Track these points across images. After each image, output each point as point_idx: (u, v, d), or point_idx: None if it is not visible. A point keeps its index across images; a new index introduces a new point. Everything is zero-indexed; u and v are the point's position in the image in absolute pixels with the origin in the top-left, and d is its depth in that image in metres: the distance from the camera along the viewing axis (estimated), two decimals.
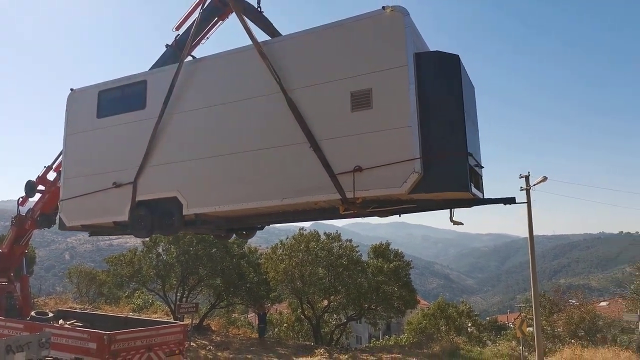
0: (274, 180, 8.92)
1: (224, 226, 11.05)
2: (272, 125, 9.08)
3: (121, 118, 10.99)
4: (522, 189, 20.16)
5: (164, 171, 10.21)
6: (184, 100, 10.20)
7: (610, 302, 33.40)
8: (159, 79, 10.60)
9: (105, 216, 11.03)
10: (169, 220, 10.17)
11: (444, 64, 8.16)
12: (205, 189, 9.72)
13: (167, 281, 24.42)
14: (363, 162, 8.06)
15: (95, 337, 11.30)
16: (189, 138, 10.06)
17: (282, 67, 9.01)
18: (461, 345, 20.82)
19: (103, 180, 10.94)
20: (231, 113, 9.57)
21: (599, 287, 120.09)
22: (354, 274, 22.93)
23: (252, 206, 9.24)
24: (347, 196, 8.14)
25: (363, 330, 44.17)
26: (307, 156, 8.53)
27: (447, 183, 7.79)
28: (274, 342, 23.02)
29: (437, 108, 7.91)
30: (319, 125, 8.56)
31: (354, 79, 8.35)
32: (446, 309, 31.14)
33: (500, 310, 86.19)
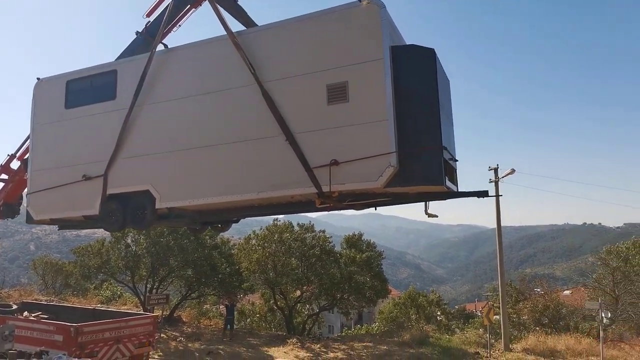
0: (249, 174, 8.84)
1: (198, 220, 10.92)
2: (247, 118, 8.97)
3: (91, 109, 10.68)
4: (490, 181, 20.61)
5: (135, 164, 9.99)
6: (156, 91, 9.97)
7: (573, 291, 34.64)
8: (130, 68, 10.32)
9: (74, 210, 10.76)
10: (141, 214, 9.98)
11: (420, 58, 8.19)
12: (178, 182, 9.56)
13: (137, 272, 24.02)
14: (339, 155, 8.06)
15: (62, 329, 11.07)
16: (161, 130, 9.85)
17: (257, 59, 8.89)
18: (431, 333, 21.27)
19: (72, 172, 10.64)
20: (204, 105, 9.41)
21: (562, 276, 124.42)
22: (327, 264, 23.08)
23: (226, 200, 9.16)
24: (324, 190, 8.15)
25: (335, 320, 44.60)
26: (282, 149, 8.49)
27: (422, 177, 7.88)
28: (246, 333, 23.00)
29: (412, 102, 7.94)
30: (294, 118, 8.52)
31: (330, 72, 8.32)
32: (417, 298, 31.76)
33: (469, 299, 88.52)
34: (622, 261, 25.61)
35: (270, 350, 18.57)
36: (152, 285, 24.63)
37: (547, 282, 29.58)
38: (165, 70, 9.99)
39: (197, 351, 18.45)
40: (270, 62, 8.88)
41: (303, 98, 8.54)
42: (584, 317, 23.88)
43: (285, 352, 18.01)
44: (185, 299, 26.44)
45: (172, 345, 19.24)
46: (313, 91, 8.43)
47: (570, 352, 17.23)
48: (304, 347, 18.98)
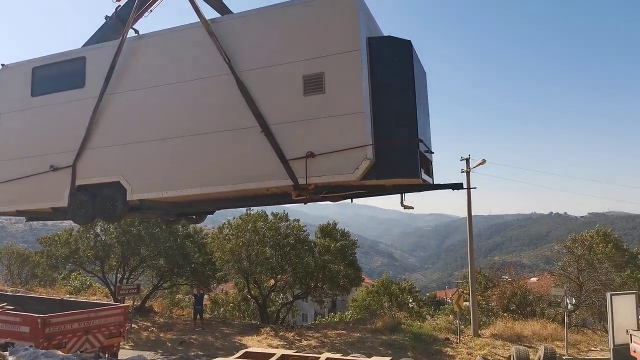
0: (224, 166, 8.68)
1: (172, 211, 10.72)
2: (221, 108, 8.79)
3: (58, 97, 10.26)
4: (462, 171, 20.97)
5: (105, 154, 9.68)
6: (126, 79, 9.65)
7: (539, 278, 35.70)
8: (99, 55, 9.94)
9: (42, 201, 10.36)
10: (112, 206, 9.68)
11: (396, 50, 8.13)
12: (150, 174, 9.31)
13: (107, 262, 23.58)
14: (315, 147, 7.98)
15: (28, 320, 10.80)
16: (132, 120, 9.55)
17: (231, 47, 8.69)
18: (402, 320, 21.63)
19: (39, 163, 10.23)
20: (177, 94, 9.16)
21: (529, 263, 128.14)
22: (301, 253, 23.13)
23: (200, 192, 8.97)
24: (300, 182, 8.07)
25: (309, 308, 44.87)
26: (258, 141, 8.34)
27: (398, 170, 7.87)
28: (219, 322, 22.91)
29: (388, 94, 7.91)
30: (270, 109, 8.37)
31: (306, 62, 8.19)
32: (389, 286, 32.18)
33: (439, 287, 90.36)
34: (586, 249, 26.51)
35: (244, 339, 18.57)
36: (123, 275, 24.22)
37: (515, 270, 30.39)
38: (136, 58, 9.66)
39: (169, 341, 18.29)
40: (245, 51, 8.69)
41: (279, 89, 8.39)
42: (549, 303, 24.69)
43: (259, 341, 18.04)
44: (157, 289, 26.12)
45: (143, 336, 19.01)
46: (289, 82, 8.29)
47: (537, 337, 17.84)
48: (278, 336, 19.05)
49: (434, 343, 17.77)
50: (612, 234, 30.40)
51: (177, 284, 26.54)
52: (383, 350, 16.33)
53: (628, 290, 18.58)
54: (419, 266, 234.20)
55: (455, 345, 17.41)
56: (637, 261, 29.89)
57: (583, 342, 17.98)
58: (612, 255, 26.03)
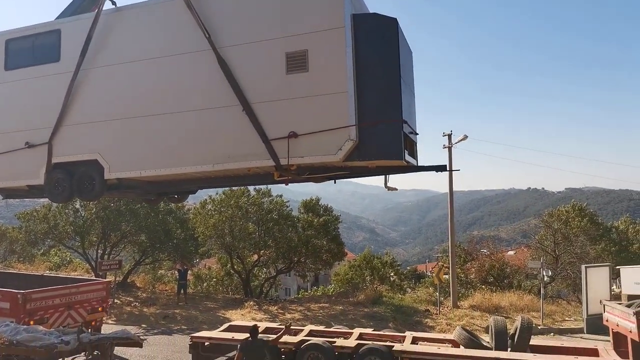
0: (204, 145, 8.52)
1: (152, 191, 10.56)
2: (202, 86, 8.58)
3: (33, 71, 9.90)
4: (444, 147, 21.12)
5: (82, 131, 9.43)
6: (103, 54, 9.33)
7: (517, 251, 36.61)
8: (75, 28, 9.56)
9: (17, 179, 10.13)
10: (89, 185, 9.49)
11: (382, 28, 7.95)
12: (128, 152, 9.11)
13: (87, 238, 23.33)
14: (298, 127, 7.86)
15: (9, 296, 10.71)
16: (109, 96, 9.28)
17: (212, 22, 8.42)
18: (384, 293, 22.03)
19: (13, 139, 9.93)
20: (156, 70, 8.90)
21: (507, 237, 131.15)
22: (284, 229, 23.20)
23: (180, 172, 8.81)
24: (282, 163, 7.97)
25: (292, 283, 45.40)
26: (239, 120, 8.18)
27: (381, 151, 7.79)
28: (202, 297, 23.02)
29: (373, 73, 7.77)
30: (252, 88, 8.19)
31: (290, 39, 8.00)
32: (371, 260, 32.62)
33: (420, 260, 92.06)
34: (562, 223, 27.22)
35: (228, 313, 18.71)
36: (104, 251, 24.04)
37: (493, 244, 31.16)
38: (113, 32, 9.33)
39: (152, 316, 18.34)
40: (226, 26, 8.44)
41: (261, 66, 8.18)
42: (526, 275, 25.43)
43: (243, 315, 18.20)
44: (139, 265, 26.03)
45: (126, 311, 19.01)
46: (271, 59, 8.09)
47: (513, 308, 18.39)
48: (262, 310, 19.25)
49: (415, 314, 18.19)
50: (587, 209, 31.24)
51: (159, 260, 26.48)
52: (365, 322, 16.67)
53: (602, 263, 19.25)
54: (400, 241, 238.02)
55: (435, 317, 17.85)
56: (611, 235, 30.92)
57: (558, 313, 18.61)
58: (587, 229, 26.80)
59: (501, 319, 10.58)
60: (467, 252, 28.14)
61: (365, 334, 11.42)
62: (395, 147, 7.75)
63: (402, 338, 10.90)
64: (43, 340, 7.12)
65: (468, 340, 10.20)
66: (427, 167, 9.00)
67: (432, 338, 11.39)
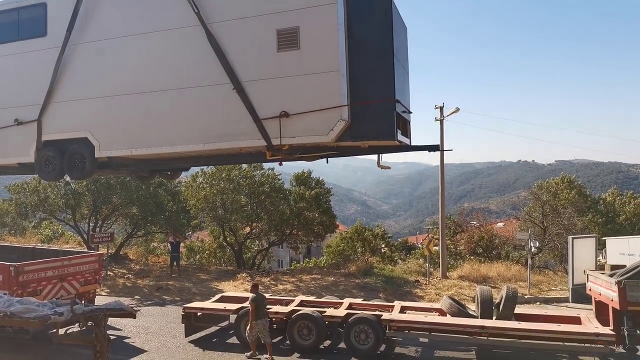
0: (195, 124, 8.39)
1: (144, 168, 10.48)
2: (191, 63, 8.39)
3: (19, 46, 9.64)
4: (436, 120, 21.10)
5: (71, 109, 9.26)
6: (91, 29, 9.06)
7: (505, 223, 37.19)
8: (61, 2, 9.25)
9: (7, 157, 10.00)
10: (80, 163, 9.37)
11: (375, 4, 7.73)
12: (118, 131, 8.97)
13: (78, 211, 23.25)
14: (289, 107, 7.75)
15: (1, 268, 10.74)
16: (97, 72, 9.07)
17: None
18: (375, 265, 22.38)
19: (1, 116, 9.75)
20: (145, 46, 8.68)
21: (497, 210, 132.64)
22: (276, 201, 23.28)
23: (171, 151, 8.71)
24: (273, 143, 7.88)
25: (284, 255, 45.86)
26: (230, 99, 8.05)
27: (374, 132, 7.70)
28: (195, 269, 23.22)
29: (366, 52, 7.61)
30: (242, 65, 8.02)
31: (281, 15, 7.78)
32: (362, 232, 32.93)
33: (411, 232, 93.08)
34: (551, 195, 27.58)
35: (221, 284, 18.93)
36: (95, 223, 24.03)
37: (483, 216, 31.51)
38: (100, 6, 9.06)
39: (145, 287, 18.52)
40: (216, 1, 8.21)
41: (251, 43, 7.99)
42: (514, 246, 25.88)
43: (236, 286, 18.42)
44: (131, 237, 26.08)
45: (119, 283, 19.16)
46: (262, 36, 7.90)
47: (501, 278, 18.79)
48: (254, 281, 19.48)
49: (405, 285, 18.53)
50: (576, 181, 31.62)
51: (152, 232, 26.54)
52: (356, 293, 16.96)
53: (589, 234, 19.62)
54: (392, 213, 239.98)
55: (425, 287, 18.20)
56: (598, 206, 31.41)
57: (544, 283, 19.05)
58: (575, 201, 27.21)
59: (487, 289, 10.87)
60: (457, 224, 28.50)
61: (355, 304, 11.68)
62: (387, 127, 7.65)
63: (391, 307, 11.18)
64: (37, 311, 7.15)
65: (455, 309, 10.50)
66: (420, 147, 8.97)
67: (420, 307, 11.68)
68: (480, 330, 9.46)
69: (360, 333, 10.05)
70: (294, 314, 10.55)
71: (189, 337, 11.43)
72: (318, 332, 10.26)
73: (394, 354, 10.52)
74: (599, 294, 10.42)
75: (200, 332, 11.84)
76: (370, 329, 9.96)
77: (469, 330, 9.58)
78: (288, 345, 10.68)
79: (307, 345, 10.32)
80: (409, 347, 10.90)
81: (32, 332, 10.51)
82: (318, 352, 10.34)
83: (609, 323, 9.85)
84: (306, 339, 10.37)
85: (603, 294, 10.15)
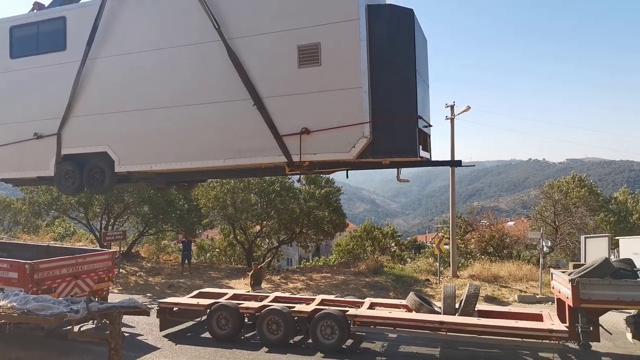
0: (215, 139, 8.36)
1: (162, 181, 10.50)
2: (212, 78, 8.37)
3: (39, 59, 9.61)
4: (447, 118, 20.99)
5: (91, 123, 9.23)
6: (111, 43, 9.04)
7: (516, 222, 36.88)
8: (80, 15, 9.26)
9: (25, 170, 9.97)
10: (99, 177, 9.33)
11: (398, 20, 7.66)
12: (139, 145, 8.94)
13: (90, 209, 23.49)
14: (310, 123, 7.70)
15: (16, 266, 10.85)
16: (118, 87, 9.04)
17: (222, 12, 8.15)
18: (385, 263, 22.34)
19: (21, 129, 9.70)
20: (164, 61, 8.65)
21: (507, 208, 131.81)
22: (286, 200, 23.33)
23: (191, 166, 8.70)
24: (294, 160, 7.84)
25: (294, 253, 45.92)
26: (250, 115, 8.00)
27: (396, 148, 7.65)
28: (206, 267, 23.36)
29: (388, 68, 7.54)
30: (263, 81, 7.98)
31: (302, 31, 7.74)
32: (372, 231, 32.87)
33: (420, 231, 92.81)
34: (562, 194, 27.35)
35: (231, 282, 19.04)
36: (107, 221, 24.26)
37: (493, 214, 31.35)
38: (120, 20, 9.04)
39: (157, 285, 18.67)
40: (237, 17, 8.16)
41: (272, 59, 7.95)
42: (526, 246, 25.72)
43: (246, 284, 18.50)
44: (142, 235, 26.30)
45: (132, 280, 19.34)
46: (283, 52, 7.85)
47: (512, 278, 18.67)
48: (264, 279, 19.55)
49: (415, 284, 18.49)
50: (587, 180, 31.31)
51: (163, 230, 26.74)
52: (366, 291, 16.97)
53: (601, 233, 19.42)
54: (401, 212, 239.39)
55: (435, 286, 18.14)
56: (610, 205, 31.09)
57: None
58: (587, 200, 26.95)
59: (451, 286, 11.12)
60: (467, 223, 28.39)
61: (327, 300, 12.05)
62: (410, 144, 7.59)
63: (361, 304, 11.39)
64: (52, 309, 7.24)
65: (418, 305, 10.78)
66: (442, 162, 8.98)
67: (388, 304, 11.93)
68: (439, 326, 9.71)
69: (326, 328, 10.32)
70: (264, 309, 10.82)
71: (163, 331, 11.66)
72: (286, 327, 10.53)
73: (359, 349, 10.69)
74: (559, 292, 10.68)
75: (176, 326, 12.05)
76: (335, 324, 10.23)
77: (429, 325, 9.83)
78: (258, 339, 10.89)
79: (275, 340, 10.58)
80: (376, 342, 11.08)
81: (46, 329, 10.64)
82: (287, 346, 10.54)
83: (565, 320, 10.14)
84: (275, 334, 10.64)
85: (562, 292, 10.37)
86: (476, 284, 11.02)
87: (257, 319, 10.86)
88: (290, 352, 10.20)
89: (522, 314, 10.83)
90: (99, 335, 8.41)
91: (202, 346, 10.70)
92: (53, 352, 9.97)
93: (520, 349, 10.25)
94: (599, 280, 9.45)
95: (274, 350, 10.33)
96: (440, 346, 10.77)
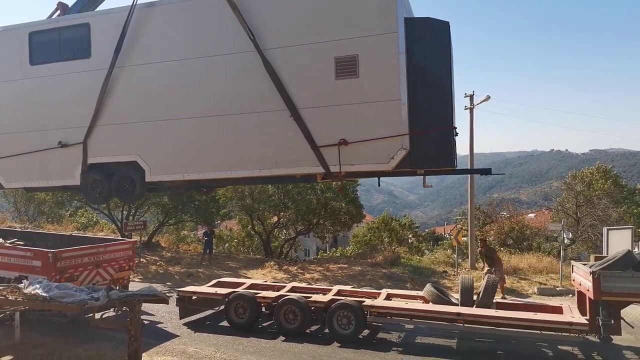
0: (250, 150, 8.26)
1: (191, 188, 10.58)
2: (248, 89, 8.27)
3: (61, 67, 9.44)
4: (466, 108, 20.70)
5: (120, 132, 9.08)
6: (140, 51, 8.88)
7: (537, 214, 36.37)
8: (105, 23, 9.10)
9: (50, 178, 9.80)
10: (130, 187, 9.18)
11: (435, 32, 7.63)
12: (170, 155, 8.79)
13: (112, 200, 23.92)
14: (348, 135, 7.65)
15: (40, 255, 11.15)
16: (148, 95, 8.89)
17: (257, 23, 8.05)
18: (402, 255, 22.27)
19: (45, 138, 9.55)
20: (199, 70, 8.52)
21: (528, 200, 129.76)
22: (304, 191, 23.40)
23: (225, 176, 8.67)
24: (332, 170, 7.81)
25: (311, 244, 46.11)
26: (287, 126, 7.93)
27: (433, 159, 7.67)
28: (224, 257, 23.62)
29: (426, 80, 7.50)
30: (300, 92, 7.91)
31: (339, 43, 7.67)
32: (389, 222, 32.76)
33: (438, 223, 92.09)
34: (585, 186, 26.79)
35: (249, 272, 19.23)
36: (129, 212, 24.69)
37: (513, 206, 30.90)
38: (150, 28, 8.86)
39: (177, 274, 18.97)
40: (273, 28, 8.07)
41: (309, 70, 7.90)
42: (546, 238, 25.32)
43: (264, 274, 18.68)
44: (162, 225, 26.71)
45: (152, 269, 19.69)
46: (320, 63, 7.79)
47: (532, 270, 18.42)
48: (282, 269, 19.70)
49: (432, 275, 18.39)
50: (611, 171, 30.59)
51: (182, 221, 27.11)
52: (383, 283, 16.95)
53: (625, 225, 18.98)
54: (419, 203, 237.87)
55: (453, 278, 18.03)
56: (634, 197, 30.36)
57: None
58: (610, 192, 26.35)
59: (468, 277, 11.02)
60: (487, 215, 28.05)
61: (344, 290, 12.08)
62: (447, 154, 7.64)
63: (378, 295, 11.38)
64: (74, 296, 7.42)
65: (436, 296, 10.71)
66: (471, 170, 9.05)
67: (405, 295, 11.90)
68: (457, 317, 9.69)
69: (342, 318, 10.40)
70: (281, 299, 10.93)
71: (183, 319, 11.82)
72: (303, 317, 10.63)
73: (375, 339, 10.70)
74: (579, 284, 10.48)
75: (195, 315, 12.16)
76: (352, 315, 10.30)
77: (446, 316, 9.82)
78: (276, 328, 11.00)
79: (292, 329, 10.70)
80: (392, 332, 11.08)
81: (69, 316, 10.93)
82: (303, 335, 10.62)
83: (586, 313, 9.95)
84: (292, 323, 10.74)
85: (582, 284, 10.18)
86: (493, 276, 10.91)
87: (274, 309, 11.00)
88: (306, 342, 10.29)
89: (542, 306, 10.72)
90: (120, 323, 8.58)
91: (220, 334, 10.87)
92: (76, 339, 10.23)
93: (539, 341, 10.14)
94: (620, 273, 9.28)
95: (291, 339, 10.44)
96: (457, 338, 10.72)
